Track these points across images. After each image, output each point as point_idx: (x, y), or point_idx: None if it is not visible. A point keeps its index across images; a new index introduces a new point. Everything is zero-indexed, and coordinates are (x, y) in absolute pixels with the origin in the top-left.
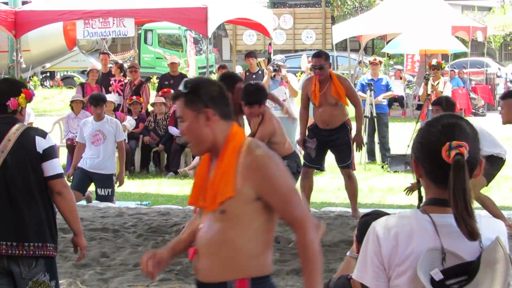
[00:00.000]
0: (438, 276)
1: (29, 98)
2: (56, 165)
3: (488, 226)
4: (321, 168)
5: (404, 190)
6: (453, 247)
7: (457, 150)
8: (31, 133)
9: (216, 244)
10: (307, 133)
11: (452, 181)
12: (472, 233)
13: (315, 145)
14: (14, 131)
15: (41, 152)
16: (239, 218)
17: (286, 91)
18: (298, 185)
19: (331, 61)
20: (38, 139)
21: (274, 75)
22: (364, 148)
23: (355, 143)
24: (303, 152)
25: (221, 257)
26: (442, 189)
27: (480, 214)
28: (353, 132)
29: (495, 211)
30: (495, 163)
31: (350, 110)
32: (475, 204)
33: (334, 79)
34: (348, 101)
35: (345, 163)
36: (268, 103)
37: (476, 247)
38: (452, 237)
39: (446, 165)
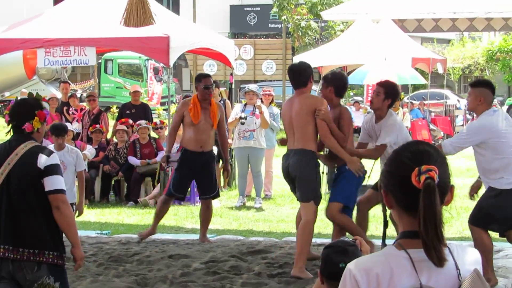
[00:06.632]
0: None
1: (42, 120)
2: (56, 181)
3: (465, 257)
4: (183, 198)
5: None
6: (432, 282)
7: (427, 174)
8: (36, 150)
9: None
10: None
11: (423, 205)
12: (440, 259)
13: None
14: (23, 147)
15: (42, 168)
16: None
17: (257, 121)
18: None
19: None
20: (41, 156)
21: (245, 104)
22: (325, 179)
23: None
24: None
25: None
26: (415, 218)
27: (455, 244)
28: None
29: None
30: None
31: None
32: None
33: (213, 103)
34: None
35: (213, 193)
36: (238, 132)
37: (455, 280)
38: (430, 272)
39: (417, 192)
